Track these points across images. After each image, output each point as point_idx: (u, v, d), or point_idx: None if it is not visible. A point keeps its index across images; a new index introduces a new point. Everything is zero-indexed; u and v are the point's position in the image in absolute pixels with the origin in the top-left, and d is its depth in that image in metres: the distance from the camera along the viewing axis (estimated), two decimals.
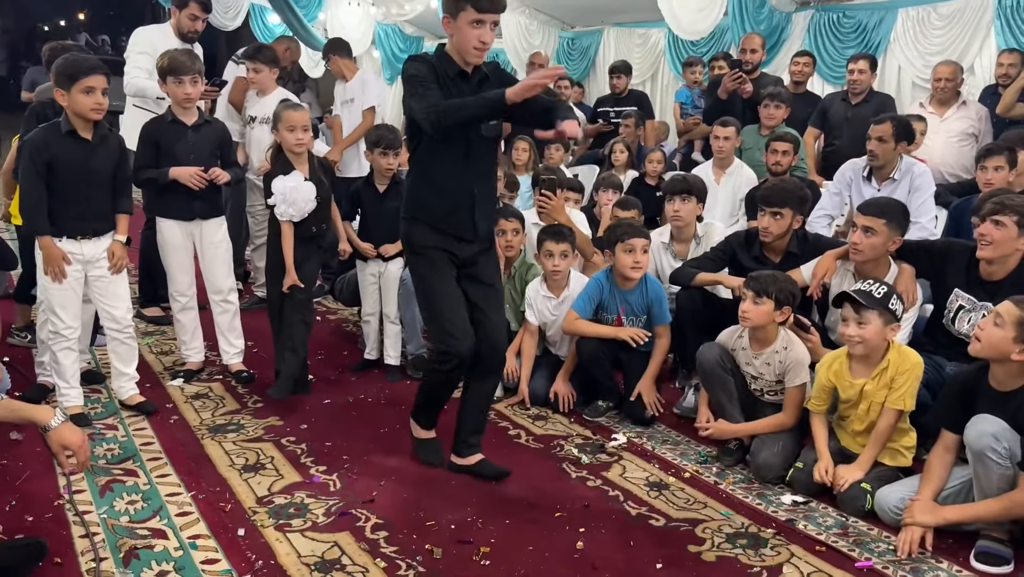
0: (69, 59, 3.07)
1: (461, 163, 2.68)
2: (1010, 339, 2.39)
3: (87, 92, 3.02)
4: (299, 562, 2.32)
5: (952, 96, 5.36)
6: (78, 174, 3.12)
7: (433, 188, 2.72)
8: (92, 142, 3.14)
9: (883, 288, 2.74)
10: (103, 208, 3.23)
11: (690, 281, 3.53)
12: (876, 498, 2.66)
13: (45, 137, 3.08)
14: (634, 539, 2.52)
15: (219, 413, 3.40)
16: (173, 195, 3.58)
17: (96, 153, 3.15)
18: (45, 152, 3.06)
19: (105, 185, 3.21)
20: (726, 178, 4.89)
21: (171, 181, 3.53)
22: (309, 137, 3.47)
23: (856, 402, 2.80)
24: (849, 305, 2.72)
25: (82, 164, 3.12)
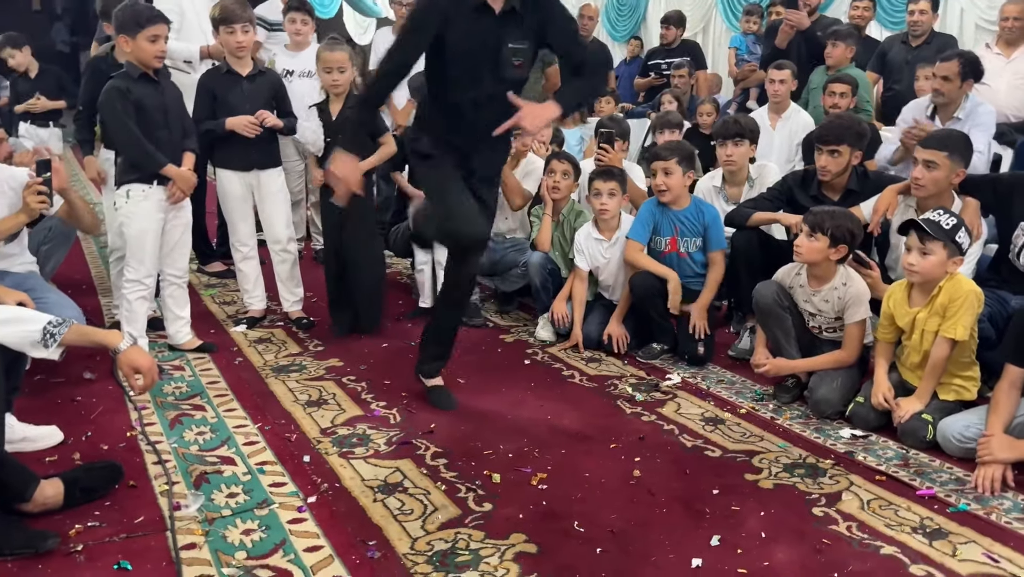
0: (132, 6, 3.16)
1: (471, 109, 2.67)
2: None
3: (152, 40, 3.11)
4: (363, 485, 2.39)
5: (1020, 36, 5.11)
6: (158, 115, 3.24)
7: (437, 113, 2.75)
8: (162, 84, 3.24)
9: (952, 219, 2.67)
10: (177, 151, 3.32)
11: (746, 221, 3.49)
12: (939, 428, 2.62)
13: (124, 83, 3.17)
14: (690, 468, 2.53)
15: (281, 355, 3.50)
16: (231, 146, 3.66)
17: (166, 96, 3.26)
18: (129, 95, 3.15)
19: (176, 127, 3.32)
20: (782, 123, 4.78)
21: (228, 132, 3.60)
22: (346, 77, 3.54)
23: (911, 332, 2.75)
24: (915, 234, 2.66)
25: (159, 105, 3.24)
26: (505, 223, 4.11)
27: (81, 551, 2.03)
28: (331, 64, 3.55)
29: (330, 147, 3.60)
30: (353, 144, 2.76)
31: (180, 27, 4.26)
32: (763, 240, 3.55)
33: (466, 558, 2.03)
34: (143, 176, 3.23)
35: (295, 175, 4.79)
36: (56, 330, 2.16)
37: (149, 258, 3.29)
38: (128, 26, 3.11)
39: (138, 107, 3.18)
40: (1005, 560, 2.05)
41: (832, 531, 2.18)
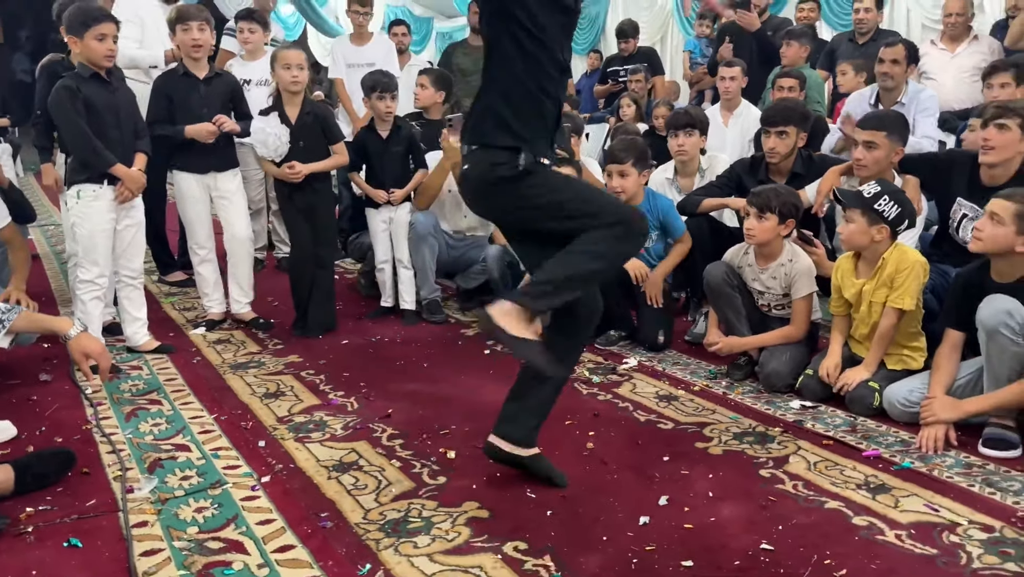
0: (80, 7, 3.18)
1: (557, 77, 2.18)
2: (1012, 233, 2.41)
3: (100, 39, 3.13)
4: (318, 465, 2.40)
5: (963, 31, 5.29)
6: (109, 115, 3.25)
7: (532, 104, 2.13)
8: (113, 84, 3.26)
9: (874, 189, 2.76)
10: (129, 151, 3.33)
11: (696, 208, 3.57)
12: (884, 394, 2.69)
13: (74, 82, 3.18)
14: (642, 439, 2.58)
15: (240, 354, 3.50)
16: (188, 149, 3.67)
17: (117, 95, 3.28)
18: (79, 93, 3.16)
19: (128, 128, 3.33)
20: (734, 120, 4.89)
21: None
22: (305, 75, 3.57)
23: (858, 304, 2.83)
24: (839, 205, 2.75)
25: (110, 105, 3.25)
26: (465, 220, 4.15)
27: (31, 532, 2.03)
28: (290, 61, 3.56)
29: (292, 153, 3.64)
30: None
31: (142, 37, 4.29)
32: (714, 227, 3.63)
33: (418, 525, 2.05)
34: (93, 176, 3.23)
35: (255, 183, 4.78)
36: (5, 317, 2.17)
37: (102, 258, 3.29)
38: (75, 26, 3.14)
39: (88, 106, 3.19)
40: (945, 509, 2.11)
41: (778, 489, 2.23)
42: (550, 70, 2.12)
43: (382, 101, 3.86)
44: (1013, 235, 2.42)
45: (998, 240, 2.45)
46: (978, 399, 2.47)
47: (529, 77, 2.09)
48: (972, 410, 2.46)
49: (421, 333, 3.80)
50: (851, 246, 2.79)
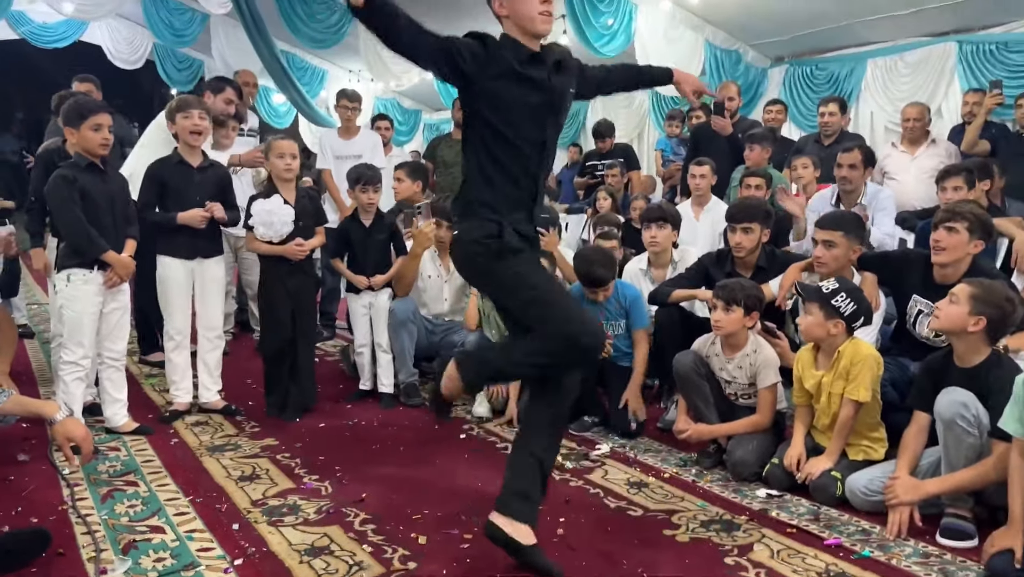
0: (77, 100, 3.36)
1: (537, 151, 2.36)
2: (965, 313, 2.57)
3: (95, 129, 3.28)
4: (290, 549, 2.43)
5: (921, 135, 5.60)
6: (103, 203, 3.37)
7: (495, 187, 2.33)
8: (108, 173, 3.40)
9: (832, 285, 2.91)
10: (119, 238, 3.45)
11: (667, 299, 3.70)
12: (847, 483, 2.77)
13: (71, 171, 3.32)
14: (611, 526, 2.63)
15: (218, 436, 3.54)
16: (177, 234, 3.75)
17: (111, 184, 3.41)
18: (76, 183, 3.29)
19: (120, 215, 3.45)
20: (704, 214, 5.10)
21: None
22: (297, 163, 3.76)
23: (819, 395, 2.94)
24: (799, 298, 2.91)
25: (104, 193, 3.38)
26: (444, 304, 4.27)
27: None
28: (283, 150, 3.74)
29: (293, 233, 3.78)
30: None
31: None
32: (684, 316, 3.76)
33: None
34: (84, 261, 3.34)
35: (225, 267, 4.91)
36: None
37: (87, 340, 3.36)
38: (72, 118, 3.30)
39: (84, 195, 3.32)
40: None
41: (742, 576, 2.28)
42: (521, 146, 2.32)
43: (365, 193, 4.03)
44: (966, 315, 2.57)
45: (953, 319, 2.60)
46: (938, 480, 2.56)
47: (498, 153, 2.31)
48: (932, 491, 2.55)
49: (398, 416, 3.85)
50: (809, 337, 2.93)
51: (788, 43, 7.41)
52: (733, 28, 7.36)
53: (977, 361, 2.61)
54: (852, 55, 7.09)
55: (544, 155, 2.42)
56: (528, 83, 2.32)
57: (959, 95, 6.23)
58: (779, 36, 7.35)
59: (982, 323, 2.55)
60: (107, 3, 9.94)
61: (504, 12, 2.34)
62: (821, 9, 6.66)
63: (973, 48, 6.22)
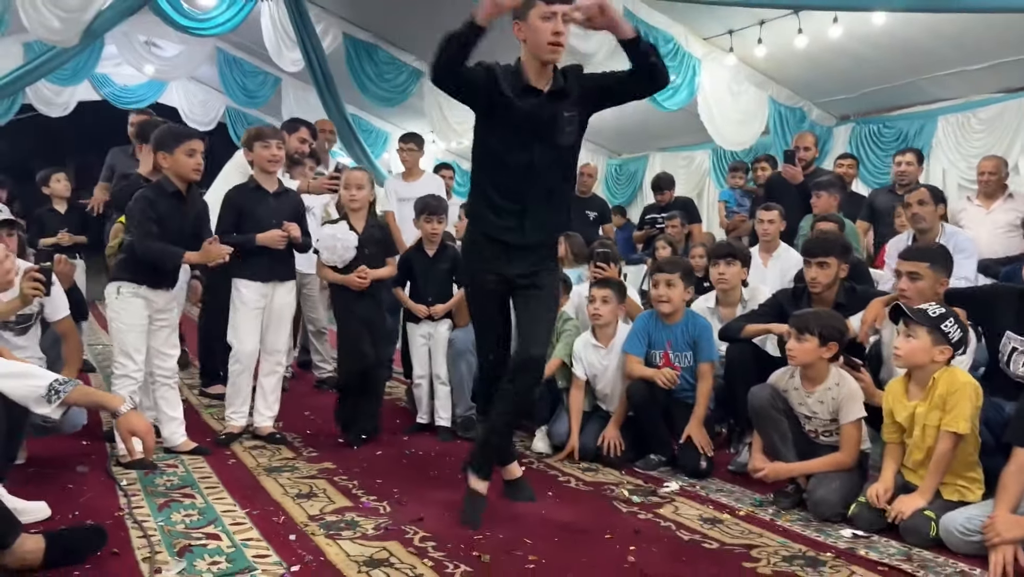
0: (171, 125, 3.47)
1: (522, 171, 2.73)
2: None
3: (190, 154, 3.36)
4: (348, 560, 2.33)
5: (998, 189, 5.42)
6: (176, 232, 3.41)
7: (487, 193, 2.79)
8: (188, 201, 3.47)
9: (940, 310, 2.76)
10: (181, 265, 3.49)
11: (739, 333, 3.56)
12: (941, 522, 2.56)
13: (155, 196, 3.39)
14: (686, 556, 2.46)
15: (275, 458, 3.47)
16: (254, 257, 3.74)
17: (190, 212, 3.47)
18: (154, 210, 3.36)
19: (190, 241, 3.47)
20: (773, 261, 4.96)
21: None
22: (363, 195, 3.78)
23: (911, 428, 2.75)
24: (903, 321, 2.75)
25: (180, 223, 3.43)
26: None
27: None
28: (350, 181, 3.81)
29: (357, 261, 3.79)
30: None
31: None
32: (757, 354, 3.60)
33: None
34: (135, 276, 3.37)
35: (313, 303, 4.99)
36: (62, 388, 2.22)
37: (135, 352, 3.36)
38: (167, 142, 3.39)
39: (160, 221, 3.37)
40: None
41: None
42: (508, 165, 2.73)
43: (429, 223, 4.01)
44: None
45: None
46: None
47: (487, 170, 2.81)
48: None
49: (456, 448, 3.74)
50: (908, 363, 2.74)
51: (854, 101, 7.33)
52: (797, 85, 7.33)
53: None
54: (922, 112, 6.97)
55: (533, 173, 2.74)
56: (515, 110, 2.66)
57: None
58: (845, 94, 7.29)
59: None
60: (185, 64, 10.47)
61: (521, 37, 2.64)
62: (888, 67, 6.59)
63: None
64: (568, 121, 2.74)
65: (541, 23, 2.55)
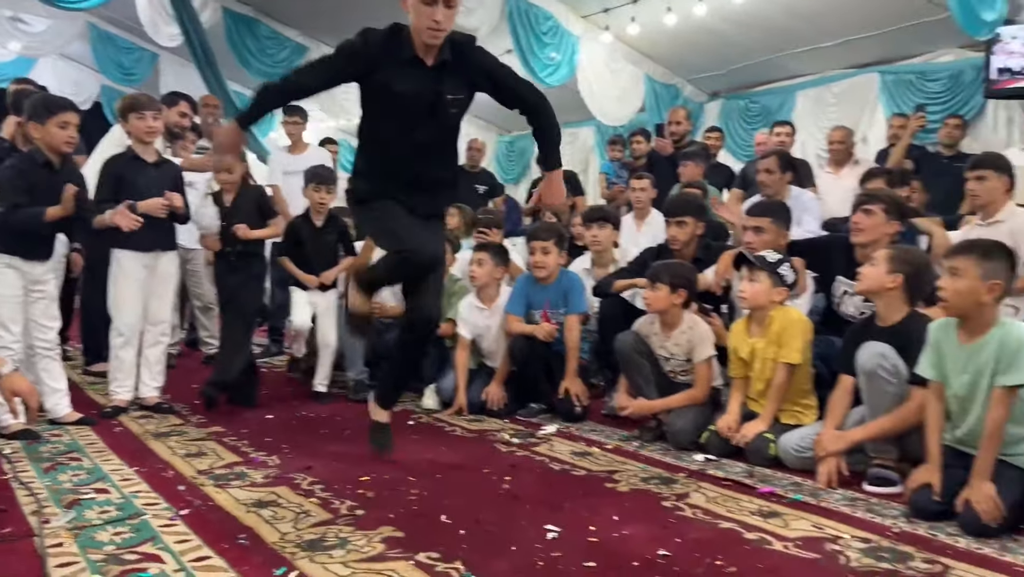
0: (45, 96, 3.40)
1: (409, 149, 2.75)
2: (884, 272, 2.76)
3: (62, 126, 3.33)
4: (237, 503, 2.45)
5: (846, 156, 5.93)
6: (50, 205, 3.34)
7: (374, 169, 2.84)
8: (62, 172, 3.42)
9: (777, 255, 3.10)
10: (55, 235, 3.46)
11: (610, 288, 3.84)
12: (779, 443, 2.90)
13: (25, 166, 3.33)
14: (556, 482, 2.71)
15: (163, 425, 3.52)
16: None
17: (63, 183, 3.41)
18: (24, 179, 3.30)
19: None
20: (646, 227, 5.28)
21: None
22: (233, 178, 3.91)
23: (752, 362, 3.08)
24: (745, 267, 3.07)
25: (53, 195, 3.35)
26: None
27: None
28: (220, 168, 3.88)
29: (223, 230, 3.84)
30: (243, 117, 2.85)
31: None
32: (626, 308, 3.89)
33: (334, 543, 2.12)
34: (7, 247, 3.32)
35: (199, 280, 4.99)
36: None
37: (11, 324, 3.32)
38: (39, 112, 3.33)
39: (31, 192, 3.32)
40: (829, 527, 2.29)
41: (679, 515, 2.38)
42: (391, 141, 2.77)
43: (318, 193, 4.11)
44: (885, 274, 2.77)
45: (873, 278, 2.80)
46: (862, 428, 2.71)
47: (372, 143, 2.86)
48: (857, 439, 2.69)
49: (346, 409, 3.88)
50: (753, 305, 3.07)
51: (723, 78, 7.80)
52: (671, 63, 7.74)
53: (897, 319, 2.79)
54: (782, 88, 7.50)
55: (418, 154, 2.76)
56: (403, 85, 2.66)
57: (882, 123, 6.63)
58: (714, 71, 7.75)
59: (899, 280, 2.74)
60: (54, 40, 9.97)
61: (406, 9, 2.65)
62: (750, 45, 7.06)
63: (894, 78, 6.64)
64: (452, 104, 2.76)
65: (423, 6, 2.56)
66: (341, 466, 2.88)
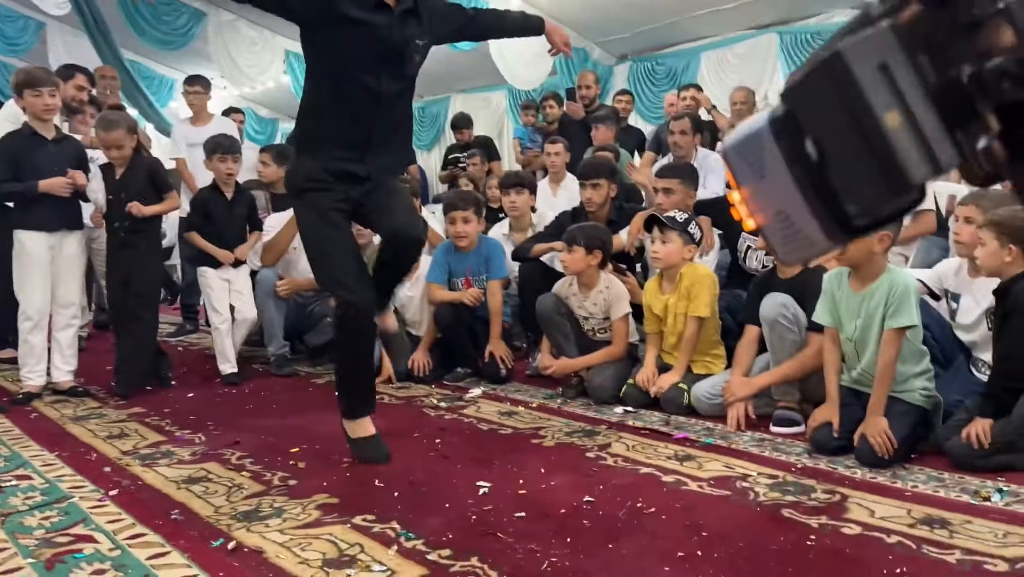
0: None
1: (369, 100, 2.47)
2: None
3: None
4: (167, 481, 2.45)
5: (748, 115, 6.18)
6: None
7: (326, 122, 2.51)
8: None
9: (684, 215, 3.24)
10: None
11: (528, 253, 3.93)
12: (692, 392, 3.07)
13: None
14: (484, 442, 2.80)
15: (80, 409, 3.45)
16: (38, 206, 3.60)
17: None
18: None
19: None
20: (561, 190, 5.39)
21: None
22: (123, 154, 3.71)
23: (665, 317, 3.24)
24: (656, 228, 3.20)
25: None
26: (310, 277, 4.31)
27: None
28: (108, 143, 3.68)
29: (112, 204, 3.73)
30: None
31: None
32: (545, 271, 4.00)
33: (270, 513, 2.16)
34: None
35: None
36: None
37: None
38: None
39: None
40: (739, 466, 2.46)
41: (601, 464, 2.51)
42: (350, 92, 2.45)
43: (224, 163, 3.99)
44: None
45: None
46: (767, 374, 2.90)
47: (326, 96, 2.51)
48: (763, 384, 2.88)
49: (270, 384, 3.88)
50: (667, 264, 3.21)
51: (630, 40, 7.92)
52: (580, 27, 7.79)
53: (796, 271, 2.97)
54: (687, 50, 7.67)
55: (380, 105, 2.49)
56: (364, 29, 2.41)
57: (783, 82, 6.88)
58: (621, 34, 7.85)
59: None
60: None
61: None
62: (653, 7, 7.18)
63: (792, 38, 6.89)
64: (417, 49, 2.55)
65: None
66: (270, 439, 2.89)
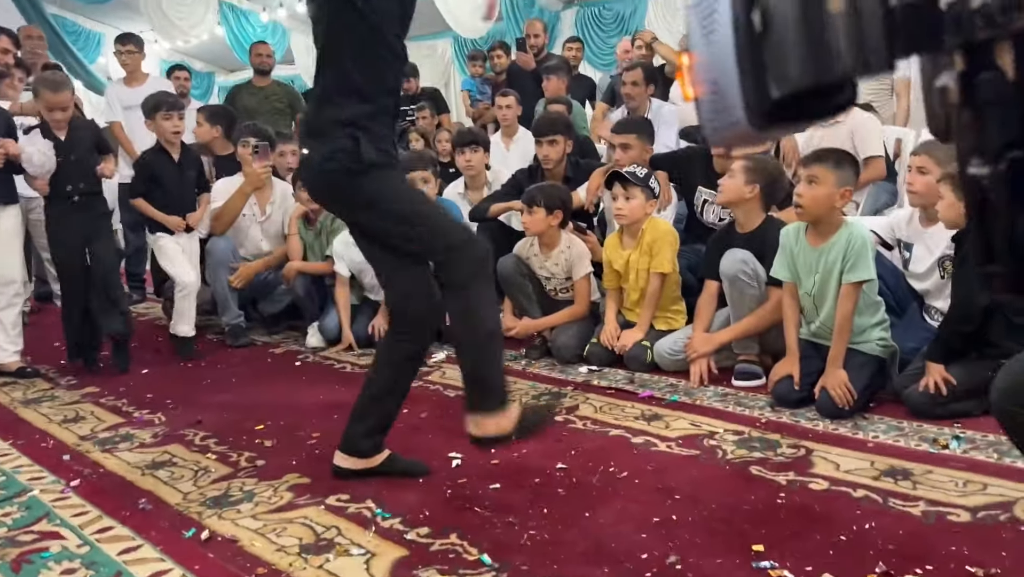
0: None
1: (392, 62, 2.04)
2: (742, 184, 2.93)
3: None
4: (130, 467, 2.39)
5: None
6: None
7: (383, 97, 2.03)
8: None
9: (644, 170, 3.24)
10: None
11: (486, 214, 3.89)
12: (655, 348, 3.10)
13: None
14: (452, 410, 2.79)
15: (31, 391, 3.33)
16: None
17: None
18: None
19: None
20: (514, 145, 5.32)
21: None
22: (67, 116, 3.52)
23: (627, 274, 3.25)
24: (619, 184, 3.18)
25: None
26: (263, 244, 4.21)
27: None
28: (55, 104, 3.48)
29: (62, 167, 3.53)
30: None
31: None
32: (504, 231, 3.96)
33: (240, 497, 2.13)
34: None
35: None
36: None
37: None
38: None
39: None
40: (705, 424, 2.50)
41: (571, 428, 2.53)
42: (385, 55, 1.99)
43: (169, 120, 3.78)
44: (743, 185, 2.94)
45: (732, 190, 2.96)
46: (728, 329, 2.94)
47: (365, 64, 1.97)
48: (724, 339, 2.92)
49: (228, 356, 3.80)
50: (633, 220, 3.20)
51: None
52: None
53: (755, 226, 2.99)
54: None
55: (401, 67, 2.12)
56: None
57: None
58: None
59: (756, 190, 2.93)
60: None
61: None
62: None
63: None
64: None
65: None
66: (232, 416, 2.84)
